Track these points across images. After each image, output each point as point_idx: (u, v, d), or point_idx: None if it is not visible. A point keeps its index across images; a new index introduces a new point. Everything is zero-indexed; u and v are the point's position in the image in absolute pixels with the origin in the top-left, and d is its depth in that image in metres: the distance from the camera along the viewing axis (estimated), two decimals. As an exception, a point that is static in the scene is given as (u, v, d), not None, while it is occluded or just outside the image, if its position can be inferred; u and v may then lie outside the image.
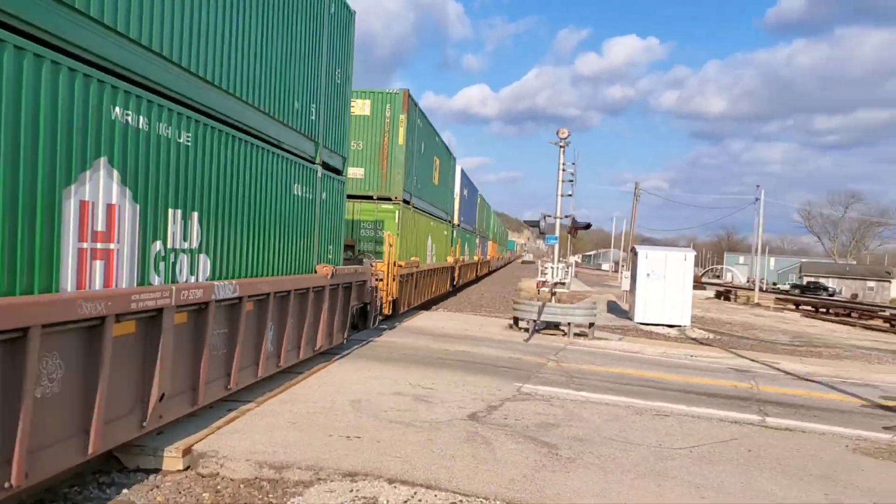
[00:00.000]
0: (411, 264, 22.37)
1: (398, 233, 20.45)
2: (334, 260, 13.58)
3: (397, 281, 20.18)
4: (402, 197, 21.02)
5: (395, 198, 20.76)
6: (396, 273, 19.92)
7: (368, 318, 17.22)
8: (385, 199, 20.69)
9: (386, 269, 18.99)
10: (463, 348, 16.56)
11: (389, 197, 20.74)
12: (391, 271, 19.36)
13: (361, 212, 20.38)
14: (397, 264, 19.95)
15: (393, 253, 19.49)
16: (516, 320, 21.80)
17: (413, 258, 22.89)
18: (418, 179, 23.62)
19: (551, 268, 23.11)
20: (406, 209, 21.60)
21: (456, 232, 35.54)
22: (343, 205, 14.32)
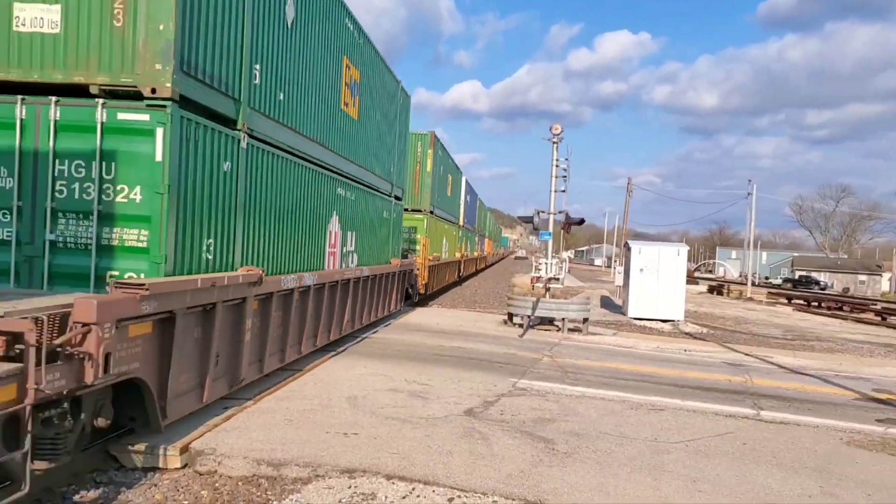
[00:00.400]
0: (434, 258, 28.70)
1: (426, 235, 26.81)
2: (398, 256, 20.82)
3: (427, 269, 26.59)
4: (429, 209, 27.67)
5: (424, 210, 27.26)
6: (426, 264, 26.38)
7: (413, 294, 24.57)
8: (416, 210, 26.84)
9: (421, 262, 25.56)
10: (458, 344, 16.59)
11: (420, 209, 27.09)
12: (424, 263, 25.94)
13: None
14: (427, 258, 26.44)
15: (425, 251, 26.25)
16: (511, 316, 21.83)
17: (435, 254, 29.03)
18: (438, 194, 29.87)
19: (545, 263, 23.14)
20: (431, 218, 27.92)
21: (461, 232, 41.09)
22: (401, 220, 21.78)
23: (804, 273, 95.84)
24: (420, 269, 25.20)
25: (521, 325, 20.75)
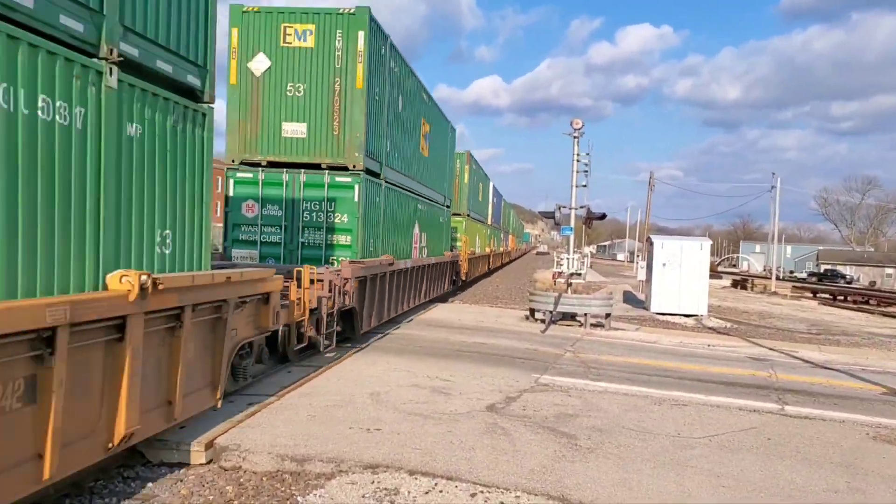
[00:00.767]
0: (471, 253, 35.18)
1: (465, 234, 33.62)
2: (448, 250, 27.61)
3: (467, 261, 33.08)
4: (466, 212, 34.38)
5: (462, 213, 33.68)
6: (466, 257, 32.78)
7: (457, 280, 31.01)
8: (457, 214, 32.14)
9: (463, 255, 31.83)
10: (480, 340, 16.60)
11: (459, 213, 33.06)
12: (465, 256, 32.35)
13: (446, 221, 32.12)
14: (467, 252, 33.04)
15: (465, 246, 33.02)
16: (532, 311, 21.81)
17: (472, 249, 35.61)
18: (472, 200, 36.53)
19: (567, 258, 23.08)
20: (468, 219, 34.81)
21: (490, 230, 47.57)
22: (450, 222, 29.07)
23: (829, 267, 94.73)
24: (462, 261, 31.49)
25: (542, 321, 20.72)
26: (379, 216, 16.23)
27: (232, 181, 14.77)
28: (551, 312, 20.56)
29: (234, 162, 14.79)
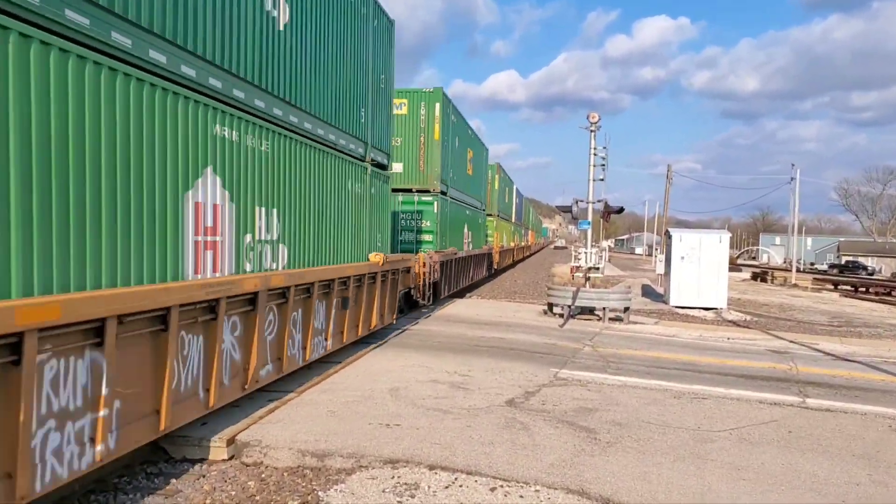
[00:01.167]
0: (501, 246, 42.80)
1: (496, 230, 39.58)
2: (484, 244, 33.99)
3: (498, 253, 40.90)
4: (496, 213, 40.17)
5: (493, 214, 38.73)
6: (498, 250, 40.45)
7: (491, 267, 38.26)
8: (489, 214, 37.35)
9: (495, 247, 38.81)
10: (498, 335, 16.61)
11: (491, 213, 38.16)
12: (497, 249, 39.67)
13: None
14: (498, 246, 40.38)
15: (497, 241, 39.79)
16: (551, 306, 21.79)
17: (501, 243, 42.79)
18: (500, 202, 42.75)
19: (585, 253, 23.02)
20: (497, 219, 40.71)
21: (514, 227, 54.80)
22: (486, 221, 35.63)
23: (851, 258, 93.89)
24: (495, 252, 38.47)
25: (561, 315, 20.70)
26: (446, 221, 23.45)
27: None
28: (570, 307, 20.54)
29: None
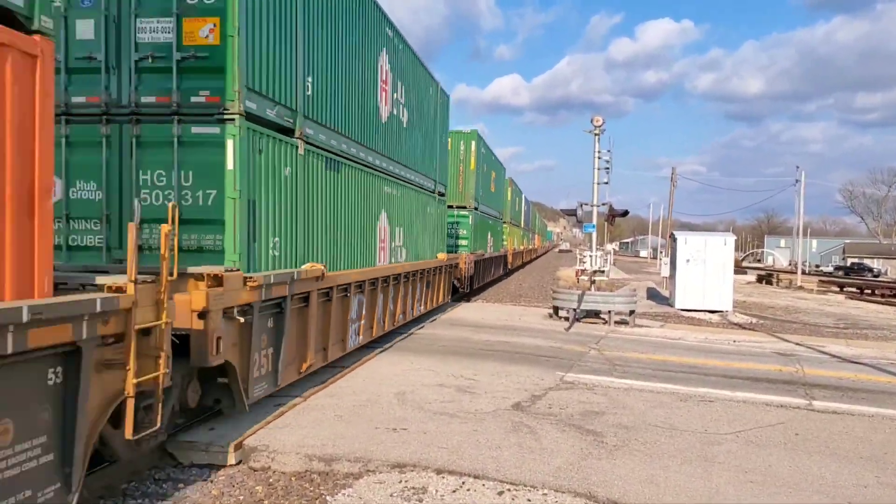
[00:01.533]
0: (514, 249, 49.91)
1: (509, 235, 45.21)
2: (503, 246, 41.63)
3: (512, 254, 48.13)
4: (509, 220, 45.56)
5: (507, 221, 44.13)
6: (513, 252, 48.69)
7: (506, 267, 44.61)
8: (505, 222, 42.83)
9: (509, 250, 45.43)
10: (503, 338, 16.62)
11: (506, 221, 43.69)
12: (511, 251, 46.74)
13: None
14: (511, 248, 46.74)
15: (511, 245, 46.22)
16: (556, 309, 21.78)
17: (513, 247, 49.35)
18: (512, 210, 48.18)
19: (590, 256, 23.02)
20: (510, 225, 46.63)
21: (523, 232, 60.85)
22: (502, 228, 41.67)
23: (856, 260, 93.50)
24: (509, 254, 45.49)
25: (566, 319, 20.69)
26: (476, 229, 29.44)
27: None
28: (575, 310, 20.53)
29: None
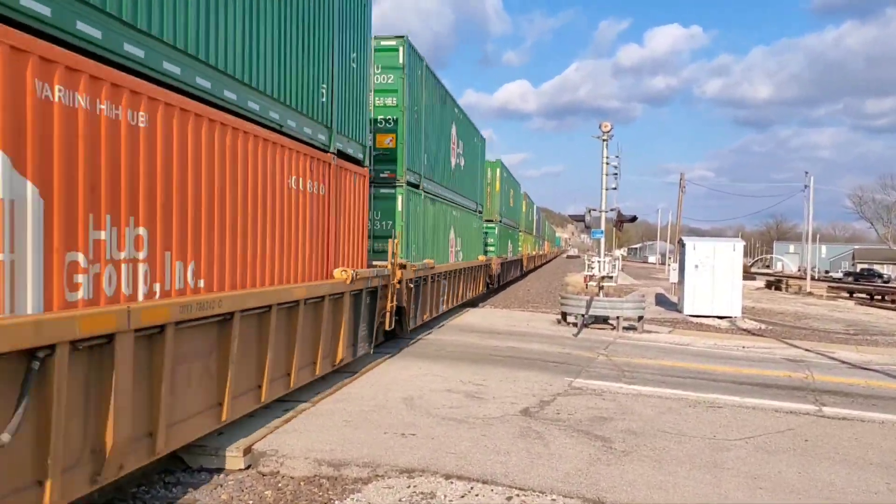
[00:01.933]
0: (528, 254, 54.89)
1: (524, 242, 49.74)
2: (522, 251, 48.59)
3: (526, 258, 52.60)
4: (525, 229, 50.46)
5: (522, 229, 48.32)
6: (527, 256, 53.55)
7: (522, 269, 51.08)
8: (521, 231, 47.54)
9: (524, 254, 49.74)
10: (512, 344, 16.61)
11: (521, 230, 47.84)
12: (525, 255, 51.17)
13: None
14: (525, 253, 51.33)
15: (525, 249, 50.97)
16: (564, 315, 21.77)
17: (527, 252, 53.69)
18: (525, 220, 51.95)
19: (598, 262, 23.00)
20: (524, 233, 50.40)
21: (534, 239, 64.81)
22: (519, 235, 46.44)
23: (866, 266, 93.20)
24: (524, 258, 50.71)
25: (575, 325, 20.67)
26: (500, 237, 34.07)
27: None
28: (583, 316, 20.50)
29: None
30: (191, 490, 6.96)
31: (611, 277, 23.41)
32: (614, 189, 22.90)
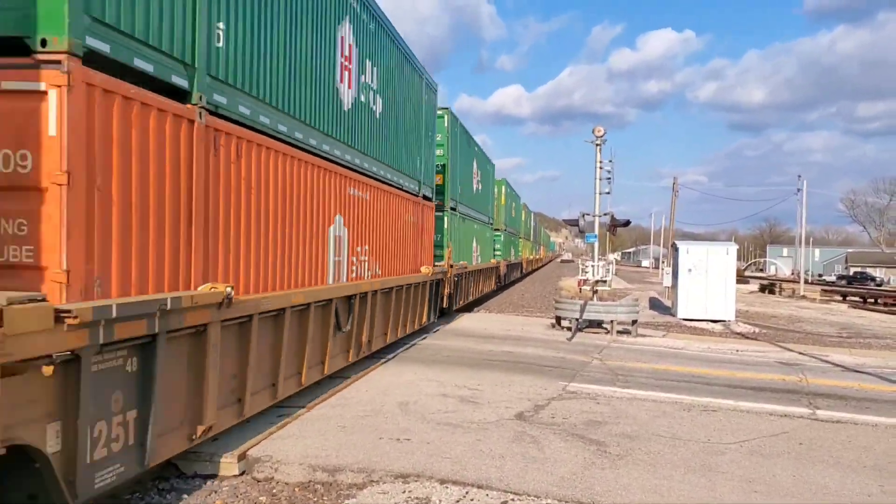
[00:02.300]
0: (527, 258, 60.37)
1: (522, 247, 53.31)
2: (523, 255, 55.85)
3: (526, 261, 59.26)
4: (524, 236, 54.71)
5: (521, 236, 52.52)
6: (526, 260, 60.10)
7: (522, 271, 58.11)
8: (521, 237, 51.74)
9: (524, 258, 56.18)
10: (506, 349, 16.62)
11: (521, 236, 51.95)
12: (525, 259, 57.38)
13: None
14: (525, 257, 56.84)
15: (525, 253, 56.52)
16: (559, 319, 21.79)
17: (526, 256, 58.44)
18: (525, 227, 57.32)
19: (592, 266, 23.04)
20: (523, 239, 54.75)
21: (531, 244, 69.07)
22: (520, 242, 52.55)
23: (859, 269, 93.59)
24: (524, 261, 56.05)
25: (569, 329, 20.69)
26: (504, 243, 37.84)
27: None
28: (577, 320, 20.53)
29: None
30: (185, 496, 6.93)
31: (605, 281, 23.46)
32: (608, 193, 22.97)
